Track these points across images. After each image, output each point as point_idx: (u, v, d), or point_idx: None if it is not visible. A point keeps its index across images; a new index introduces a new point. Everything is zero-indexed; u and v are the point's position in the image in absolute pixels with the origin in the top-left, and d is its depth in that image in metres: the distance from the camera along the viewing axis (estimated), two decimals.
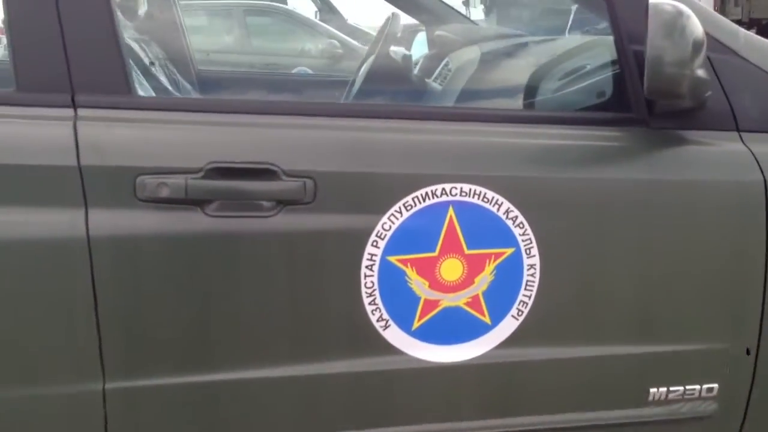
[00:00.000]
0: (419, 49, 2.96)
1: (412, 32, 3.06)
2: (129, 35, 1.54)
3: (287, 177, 1.33)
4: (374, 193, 1.37)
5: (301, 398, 1.41)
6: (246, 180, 1.32)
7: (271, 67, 5.42)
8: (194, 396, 1.37)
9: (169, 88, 1.78)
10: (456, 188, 1.38)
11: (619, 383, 1.52)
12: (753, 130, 1.53)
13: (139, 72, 1.50)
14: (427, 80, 2.50)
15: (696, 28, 1.32)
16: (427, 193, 1.37)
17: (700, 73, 1.35)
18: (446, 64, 2.47)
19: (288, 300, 1.37)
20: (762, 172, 1.49)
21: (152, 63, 1.52)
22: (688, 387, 1.53)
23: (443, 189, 1.38)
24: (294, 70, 3.97)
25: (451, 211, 1.39)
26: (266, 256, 1.35)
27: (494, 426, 1.48)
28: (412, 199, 1.37)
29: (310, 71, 3.93)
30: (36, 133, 1.30)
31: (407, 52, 2.82)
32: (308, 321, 1.38)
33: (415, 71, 2.61)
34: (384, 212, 1.36)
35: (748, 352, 1.53)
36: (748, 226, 1.49)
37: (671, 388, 1.53)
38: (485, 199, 1.39)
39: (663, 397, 1.52)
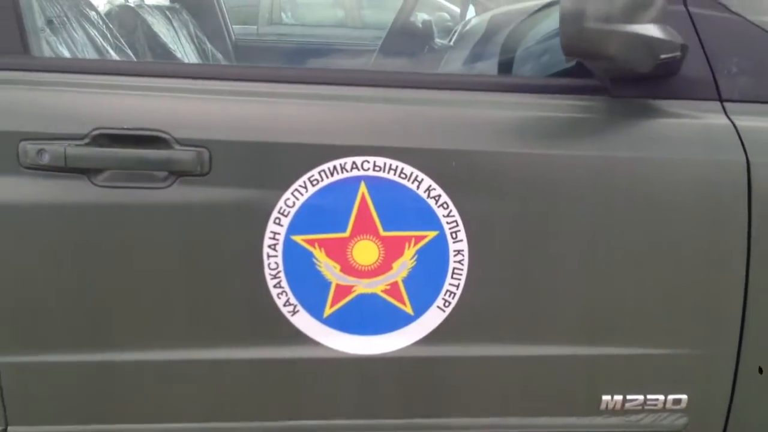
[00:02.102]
0: None
1: None
2: None
3: (180, 146, 1.22)
4: (276, 166, 1.23)
5: (202, 384, 1.30)
6: (135, 148, 1.22)
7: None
8: (88, 375, 1.29)
9: (102, 49, 1.70)
10: (368, 162, 1.23)
11: (566, 387, 1.33)
12: (739, 100, 1.29)
13: (44, 29, 1.43)
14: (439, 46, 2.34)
15: None
16: (335, 167, 1.23)
17: (646, 30, 1.12)
18: (457, 31, 2.30)
19: (184, 278, 1.26)
20: (745, 150, 1.25)
21: (50, 21, 1.44)
22: (649, 396, 1.33)
23: (354, 162, 1.23)
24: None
25: (363, 188, 1.24)
26: (161, 229, 1.24)
27: (416, 426, 1.33)
28: (318, 173, 1.23)
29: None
30: None
31: (429, 18, 2.66)
32: (208, 302, 1.27)
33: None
34: (287, 187, 1.23)
35: (760, 371, 1.32)
36: (726, 214, 1.26)
37: (628, 397, 1.32)
38: (402, 175, 1.23)
39: (618, 407, 1.33)
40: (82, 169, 1.22)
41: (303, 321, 1.28)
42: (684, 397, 1.33)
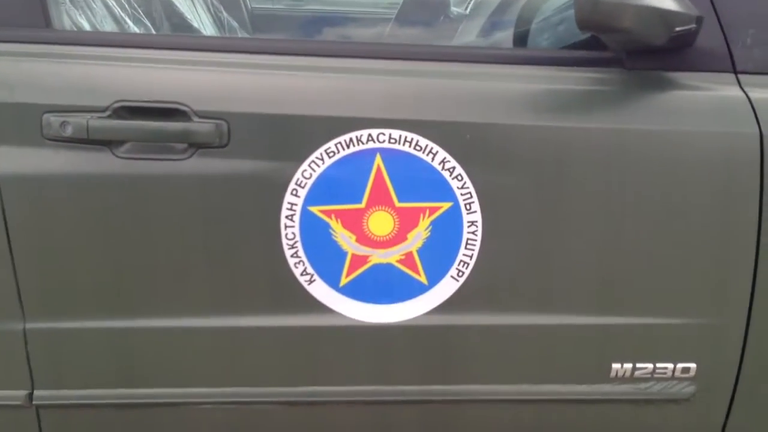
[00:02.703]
0: None
1: None
2: None
3: (199, 118, 1.24)
4: (293, 138, 1.25)
5: (222, 350, 1.34)
6: (155, 121, 1.25)
7: None
8: (113, 341, 1.34)
9: (123, 22, 1.72)
10: (384, 134, 1.25)
11: (577, 356, 1.35)
12: (754, 72, 1.30)
13: (67, 4, 1.44)
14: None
15: None
16: (351, 139, 1.25)
17: (661, 3, 1.13)
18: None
19: (204, 248, 1.29)
20: (758, 123, 1.26)
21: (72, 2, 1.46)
22: (658, 365, 1.35)
23: (369, 135, 1.25)
24: None
25: (378, 159, 1.26)
26: (180, 200, 1.27)
27: (432, 393, 1.37)
28: (335, 144, 1.25)
29: None
30: None
31: None
32: (226, 271, 1.30)
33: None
34: (304, 159, 1.25)
35: None
36: (737, 187, 1.27)
37: (638, 365, 1.35)
38: (417, 147, 1.25)
39: (628, 374, 1.36)
40: (104, 140, 1.24)
41: (319, 290, 1.31)
42: (693, 365, 1.35)
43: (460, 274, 1.31)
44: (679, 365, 1.35)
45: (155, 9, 2.25)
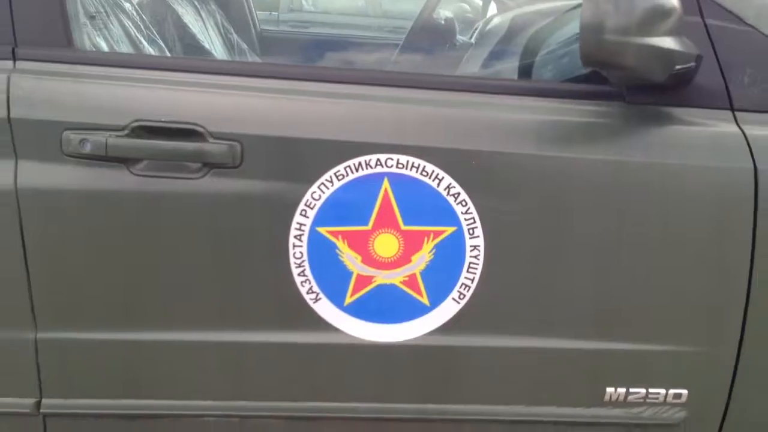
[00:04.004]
0: None
1: None
2: None
3: (214, 139, 1.29)
4: (304, 160, 1.30)
5: (228, 364, 1.38)
6: (171, 140, 1.29)
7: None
8: (121, 352, 1.37)
9: (138, 43, 1.77)
10: (392, 159, 1.29)
11: (572, 379, 1.39)
12: (751, 110, 1.35)
13: (87, 23, 1.50)
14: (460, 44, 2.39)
15: None
16: (360, 163, 1.29)
17: (662, 42, 1.18)
18: (478, 28, 2.35)
19: (213, 264, 1.33)
20: (753, 158, 1.31)
21: (93, 16, 1.51)
22: (651, 390, 1.39)
23: (378, 160, 1.29)
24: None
25: (386, 184, 1.30)
26: (193, 218, 1.32)
27: (431, 412, 1.41)
28: (344, 168, 1.29)
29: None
30: None
31: (451, 16, 2.70)
32: (234, 287, 1.34)
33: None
34: (314, 181, 1.29)
35: None
36: (732, 219, 1.32)
37: (631, 390, 1.39)
38: (424, 173, 1.30)
39: (621, 398, 1.39)
40: (122, 158, 1.29)
41: (324, 308, 1.35)
42: (684, 391, 1.39)
43: (462, 296, 1.35)
44: (672, 391, 1.39)
45: (169, 30, 2.31)
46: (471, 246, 1.33)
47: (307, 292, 1.34)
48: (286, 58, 2.90)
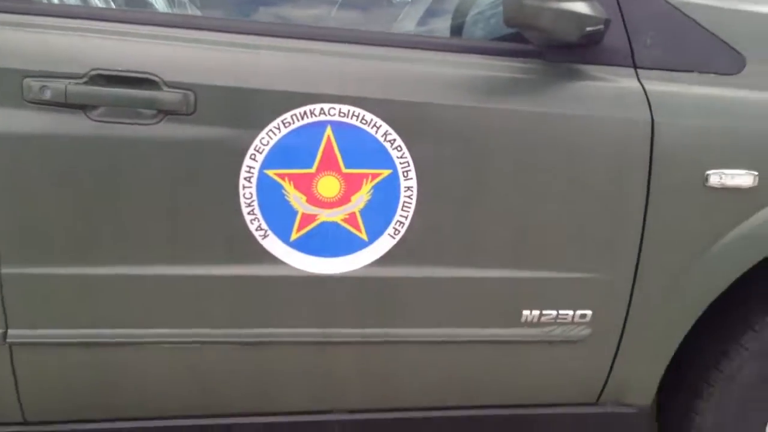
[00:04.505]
0: None
1: None
2: None
3: (168, 88, 1.39)
4: (253, 109, 1.41)
5: (184, 296, 1.50)
6: (128, 88, 1.38)
7: None
8: (81, 286, 1.47)
9: None
10: (335, 108, 1.42)
11: (493, 304, 1.58)
12: (651, 67, 1.53)
13: None
14: None
15: None
16: (305, 112, 1.42)
17: (574, 7, 1.34)
18: None
19: (168, 204, 1.44)
20: (650, 110, 1.49)
21: None
22: (560, 312, 1.59)
23: (321, 108, 1.42)
24: None
25: (329, 131, 1.43)
26: (149, 161, 1.42)
27: (370, 335, 1.57)
28: (291, 116, 1.42)
29: None
30: None
31: None
32: (188, 225, 1.46)
33: None
34: (262, 127, 1.41)
35: None
36: (631, 164, 1.51)
37: (544, 312, 1.59)
38: (363, 121, 1.43)
39: (536, 320, 1.59)
40: (80, 105, 1.37)
41: (272, 244, 1.48)
42: (589, 312, 1.60)
43: (397, 232, 1.50)
44: (578, 312, 1.59)
45: None
46: (405, 187, 1.48)
47: (256, 230, 1.47)
48: (226, 11, 2.93)
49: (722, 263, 1.58)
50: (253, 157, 1.42)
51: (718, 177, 1.51)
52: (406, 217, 1.49)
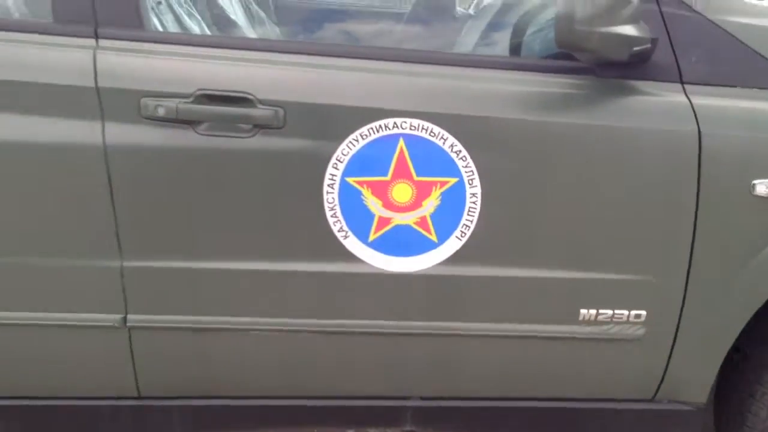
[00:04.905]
0: None
1: None
2: None
3: (262, 105, 1.59)
4: (335, 123, 1.60)
5: (274, 289, 1.69)
6: (228, 106, 1.59)
7: None
8: (189, 278, 1.68)
9: (189, 23, 2.05)
10: (406, 122, 1.60)
11: (553, 302, 1.72)
12: (697, 83, 1.65)
13: (154, 8, 1.77)
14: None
15: None
16: (380, 125, 1.60)
17: (622, 30, 1.47)
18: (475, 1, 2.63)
19: (262, 207, 1.64)
20: (697, 122, 1.61)
21: (159, 1, 1.79)
22: (616, 311, 1.71)
23: (395, 122, 1.60)
24: None
25: (401, 143, 1.61)
26: (245, 170, 1.62)
27: (440, 328, 1.73)
28: (368, 129, 1.60)
29: None
30: (64, 58, 1.60)
31: None
32: (279, 227, 1.66)
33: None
34: (343, 139, 1.60)
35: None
36: (680, 173, 1.63)
37: (601, 311, 1.71)
38: (432, 134, 1.60)
39: (593, 318, 1.72)
40: (188, 120, 1.59)
41: (352, 244, 1.66)
42: (643, 312, 1.71)
43: (463, 234, 1.66)
44: (633, 312, 1.71)
45: (200, 2, 2.58)
46: (470, 194, 1.63)
47: (338, 231, 1.65)
48: (300, 28, 3.17)
49: None
50: (335, 166, 1.61)
51: (764, 186, 1.61)
52: (472, 221, 1.65)
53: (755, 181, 1.62)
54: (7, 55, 1.60)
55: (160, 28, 1.76)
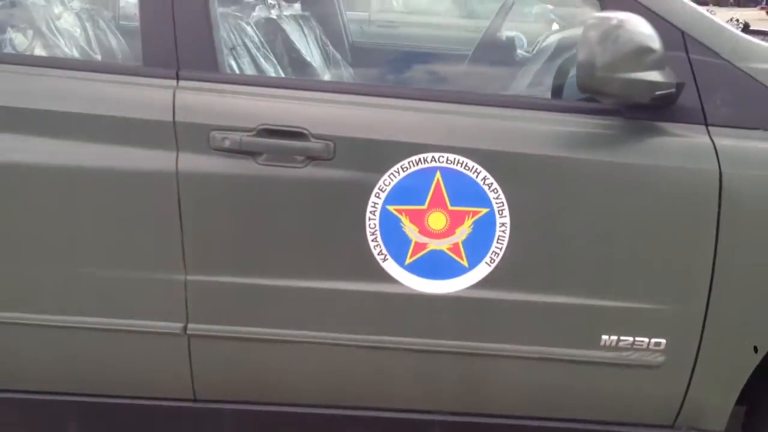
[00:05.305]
0: None
1: None
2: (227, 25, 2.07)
3: (314, 139, 1.79)
4: (379, 156, 1.79)
5: (318, 303, 1.88)
6: (285, 139, 1.80)
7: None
8: (245, 292, 1.89)
9: (265, 65, 2.30)
10: (443, 157, 1.76)
11: (575, 327, 1.84)
12: (721, 125, 1.75)
13: (228, 53, 2.02)
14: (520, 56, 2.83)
15: (633, 38, 1.58)
16: (419, 159, 1.77)
17: (642, 75, 1.59)
18: (538, 44, 2.78)
19: (310, 231, 1.84)
20: (719, 162, 1.71)
21: (232, 48, 2.04)
22: (637, 338, 1.81)
23: (432, 156, 1.77)
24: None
25: (438, 175, 1.77)
26: (297, 197, 1.83)
27: (468, 347, 1.87)
28: (408, 162, 1.77)
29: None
30: (149, 96, 1.86)
31: (513, 34, 3.13)
32: (325, 248, 1.85)
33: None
34: (386, 171, 1.78)
35: (755, 350, 1.79)
36: (701, 209, 1.73)
37: (622, 338, 1.81)
38: (466, 167, 1.76)
39: (614, 344, 1.82)
40: (250, 152, 1.81)
41: (390, 266, 1.83)
42: (663, 341, 1.80)
43: (492, 261, 1.80)
44: (653, 339, 1.81)
45: (279, 47, 2.84)
46: (500, 223, 1.78)
47: (378, 254, 1.82)
48: (372, 68, 3.41)
49: None
50: (377, 195, 1.79)
51: None
52: (501, 249, 1.79)
53: None
54: (103, 92, 1.87)
55: (232, 71, 2.00)
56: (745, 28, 2.77)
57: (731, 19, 2.94)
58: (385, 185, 1.79)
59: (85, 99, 1.86)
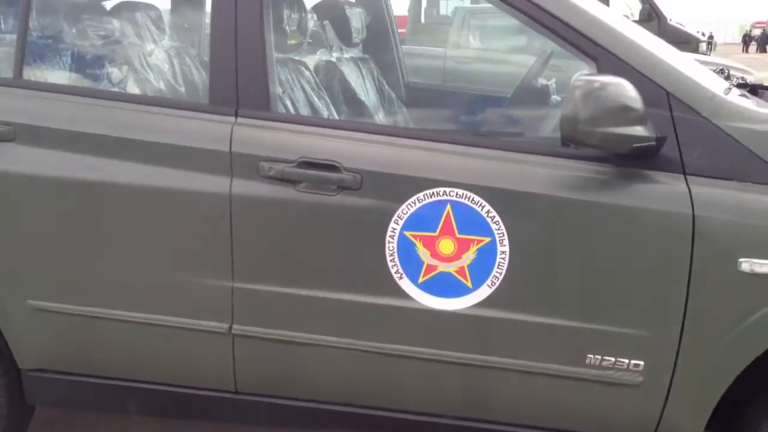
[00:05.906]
0: None
1: None
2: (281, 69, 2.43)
3: (346, 171, 2.11)
4: (398, 188, 2.09)
5: (341, 313, 2.19)
6: (320, 171, 2.13)
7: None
8: (282, 300, 2.22)
9: (318, 104, 2.65)
10: (453, 191, 2.06)
11: (565, 346, 2.09)
12: (698, 175, 1.98)
13: (281, 96, 2.37)
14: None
15: (614, 97, 1.85)
16: (433, 192, 2.07)
17: (620, 130, 1.85)
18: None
19: (339, 250, 2.16)
20: (692, 206, 1.95)
21: (283, 91, 2.40)
22: (618, 359, 2.05)
23: (444, 191, 2.06)
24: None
25: (448, 207, 2.07)
26: (328, 220, 2.15)
27: (470, 359, 2.15)
28: (423, 194, 2.07)
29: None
30: (213, 130, 2.22)
31: (546, 82, 3.38)
32: (350, 265, 2.16)
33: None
34: (404, 201, 2.08)
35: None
36: (676, 247, 1.97)
37: (605, 357, 2.05)
38: (473, 201, 2.05)
39: (598, 363, 2.06)
40: (291, 180, 2.14)
41: (405, 284, 2.12)
42: (641, 362, 2.03)
43: (493, 284, 2.07)
44: (633, 361, 2.04)
45: (335, 88, 3.20)
46: (500, 251, 2.05)
47: (395, 273, 2.12)
48: (421, 108, 3.72)
49: (756, 333, 1.95)
50: (396, 221, 2.09)
51: (748, 264, 1.91)
52: (501, 273, 2.06)
53: (741, 259, 1.92)
54: (173, 125, 2.26)
55: (282, 110, 2.35)
56: (728, 77, 3.01)
57: (720, 70, 3.17)
58: (403, 213, 2.09)
59: (164, 130, 2.25)
